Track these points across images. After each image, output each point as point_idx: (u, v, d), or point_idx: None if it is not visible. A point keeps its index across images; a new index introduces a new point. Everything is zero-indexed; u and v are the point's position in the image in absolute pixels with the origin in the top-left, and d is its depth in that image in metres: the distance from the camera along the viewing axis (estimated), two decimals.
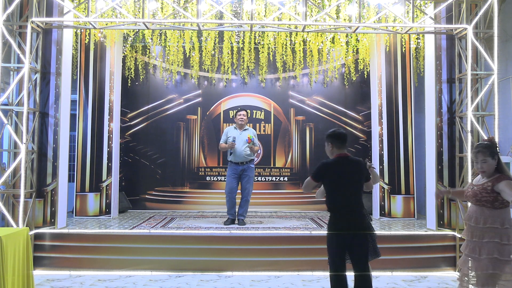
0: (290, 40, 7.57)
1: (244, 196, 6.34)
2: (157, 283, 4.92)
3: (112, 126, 7.19)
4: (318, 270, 5.31)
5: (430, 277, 5.23)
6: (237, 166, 6.30)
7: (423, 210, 6.93)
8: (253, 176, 6.50)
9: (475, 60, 5.71)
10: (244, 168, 6.31)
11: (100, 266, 5.33)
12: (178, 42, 7.56)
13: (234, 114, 6.64)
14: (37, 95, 5.62)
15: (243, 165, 6.30)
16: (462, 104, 5.74)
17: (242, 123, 6.41)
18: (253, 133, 6.44)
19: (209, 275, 5.24)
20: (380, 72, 7.31)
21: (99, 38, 7.01)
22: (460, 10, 5.70)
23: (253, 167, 6.44)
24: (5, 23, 5.33)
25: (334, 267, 3.47)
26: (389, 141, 7.20)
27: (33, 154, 5.55)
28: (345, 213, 3.42)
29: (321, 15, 5.67)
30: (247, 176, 6.33)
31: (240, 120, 6.41)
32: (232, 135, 6.31)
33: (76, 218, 6.88)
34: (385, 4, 5.76)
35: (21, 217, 5.16)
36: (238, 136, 6.30)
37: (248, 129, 6.48)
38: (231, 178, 6.34)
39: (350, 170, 3.49)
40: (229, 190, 6.32)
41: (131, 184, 8.07)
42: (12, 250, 3.86)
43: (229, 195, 6.33)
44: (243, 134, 6.35)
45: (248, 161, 6.33)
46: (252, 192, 6.46)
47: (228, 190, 6.34)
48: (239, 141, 6.26)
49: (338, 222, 3.42)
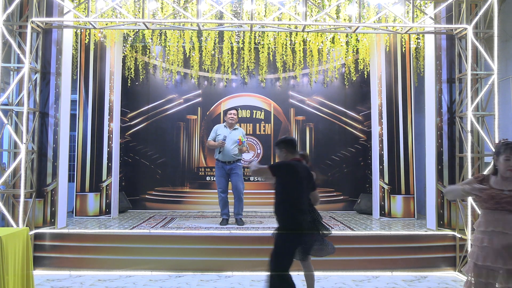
0: (290, 40, 7.57)
1: (237, 195, 6.27)
2: (157, 283, 4.92)
3: (112, 126, 7.19)
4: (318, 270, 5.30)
5: (430, 277, 5.23)
6: (224, 165, 6.28)
7: (423, 210, 6.93)
8: (242, 173, 6.43)
9: (475, 60, 5.71)
10: (232, 167, 6.27)
11: (100, 266, 5.32)
12: (178, 42, 7.56)
13: (224, 113, 6.61)
14: (37, 95, 5.62)
15: (231, 164, 6.28)
16: (462, 104, 5.74)
17: (232, 122, 6.37)
18: (242, 134, 6.39)
19: (209, 275, 5.24)
20: (380, 72, 7.31)
21: (99, 38, 7.01)
22: (460, 10, 5.70)
23: (241, 165, 6.38)
24: (5, 23, 5.33)
25: (284, 266, 3.49)
26: (389, 141, 7.20)
27: (33, 154, 5.55)
28: (295, 212, 3.54)
29: (321, 15, 5.67)
30: (236, 174, 6.28)
31: (231, 119, 6.36)
32: (222, 133, 6.29)
33: (76, 218, 6.89)
34: (385, 4, 5.76)
35: (21, 217, 5.16)
36: (228, 135, 6.28)
37: (238, 129, 6.42)
38: (221, 178, 6.31)
39: (304, 175, 3.65)
40: (221, 190, 6.29)
41: (131, 184, 8.07)
42: (12, 250, 3.86)
43: (221, 195, 6.30)
44: (233, 133, 6.32)
45: (235, 160, 6.30)
46: (244, 190, 6.36)
47: (220, 190, 6.30)
48: (228, 140, 6.24)
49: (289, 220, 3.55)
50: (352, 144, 8.28)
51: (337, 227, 6.23)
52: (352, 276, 5.19)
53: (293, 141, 3.79)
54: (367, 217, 7.38)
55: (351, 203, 8.12)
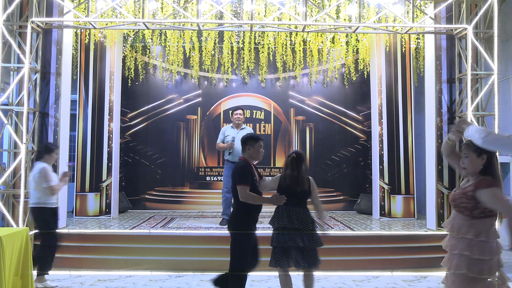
0: (290, 40, 7.56)
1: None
2: (157, 283, 4.92)
3: (112, 126, 7.19)
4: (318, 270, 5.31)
5: (430, 277, 5.22)
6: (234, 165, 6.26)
7: (423, 210, 6.93)
8: None
9: (475, 60, 5.71)
10: None
11: (100, 266, 5.32)
12: (178, 42, 7.56)
13: (230, 114, 6.58)
14: (37, 95, 5.62)
15: None
16: (462, 104, 5.74)
17: (239, 122, 6.31)
18: (248, 130, 6.30)
19: (209, 275, 5.22)
20: (380, 72, 7.31)
21: (99, 38, 7.00)
22: (460, 10, 5.70)
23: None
24: (5, 23, 5.33)
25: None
26: (389, 141, 7.20)
27: (33, 154, 5.55)
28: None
29: (321, 15, 5.67)
30: None
31: (237, 119, 6.30)
32: (230, 134, 6.23)
33: (76, 218, 6.88)
34: (385, 4, 5.76)
35: (21, 217, 5.16)
36: (236, 136, 6.25)
37: (246, 128, 6.34)
38: (229, 178, 6.22)
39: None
40: (226, 190, 6.23)
41: (131, 184, 8.07)
42: (12, 250, 3.86)
43: (226, 195, 6.22)
44: (241, 133, 6.26)
45: None
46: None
47: (225, 190, 6.25)
48: (237, 140, 6.22)
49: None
50: (352, 144, 8.28)
51: (337, 227, 6.23)
52: (352, 276, 5.19)
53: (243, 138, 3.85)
54: (367, 217, 7.38)
55: (351, 203, 8.11)
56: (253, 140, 3.76)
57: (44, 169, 4.59)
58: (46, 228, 4.70)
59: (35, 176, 4.60)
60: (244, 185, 3.61)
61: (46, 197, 4.63)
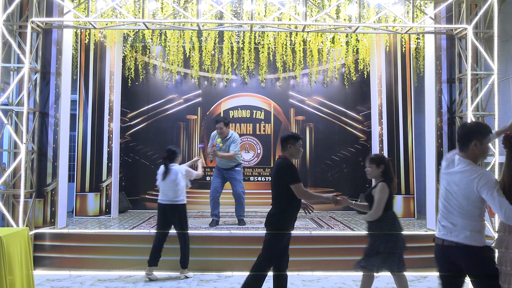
0: (290, 40, 7.57)
1: (238, 200, 6.25)
2: (157, 283, 4.92)
3: (112, 126, 7.19)
4: (318, 270, 5.32)
5: (430, 277, 5.22)
6: (222, 170, 6.31)
7: (423, 210, 6.93)
8: (241, 178, 6.38)
9: (475, 60, 5.71)
10: (230, 172, 6.27)
11: (100, 266, 5.32)
12: (178, 42, 7.56)
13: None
14: (37, 95, 5.62)
15: (228, 170, 6.28)
16: (462, 104, 5.74)
17: (221, 135, 6.27)
18: (232, 140, 6.23)
19: (209, 275, 5.24)
20: (380, 72, 7.31)
21: (99, 38, 7.00)
22: (460, 10, 5.70)
23: (239, 170, 6.35)
24: (5, 23, 5.33)
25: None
26: (389, 141, 7.20)
27: (33, 154, 5.55)
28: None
29: (321, 15, 5.67)
30: (235, 179, 6.27)
31: (219, 132, 6.26)
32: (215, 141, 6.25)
33: (76, 218, 6.88)
34: (385, 4, 5.76)
35: (21, 217, 5.16)
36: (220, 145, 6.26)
37: (230, 138, 6.26)
38: (216, 178, 6.32)
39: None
40: (212, 189, 6.24)
41: (131, 184, 8.07)
42: (12, 250, 3.85)
43: (212, 195, 6.24)
44: (226, 142, 6.27)
45: (232, 166, 6.27)
46: (245, 193, 6.33)
47: (212, 189, 6.26)
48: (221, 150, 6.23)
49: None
50: (352, 144, 8.27)
51: (337, 227, 6.24)
52: (352, 276, 5.19)
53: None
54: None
55: None
56: (294, 139, 3.81)
57: (186, 168, 5.18)
58: (187, 223, 5.16)
59: (183, 175, 5.07)
60: (298, 183, 3.67)
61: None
